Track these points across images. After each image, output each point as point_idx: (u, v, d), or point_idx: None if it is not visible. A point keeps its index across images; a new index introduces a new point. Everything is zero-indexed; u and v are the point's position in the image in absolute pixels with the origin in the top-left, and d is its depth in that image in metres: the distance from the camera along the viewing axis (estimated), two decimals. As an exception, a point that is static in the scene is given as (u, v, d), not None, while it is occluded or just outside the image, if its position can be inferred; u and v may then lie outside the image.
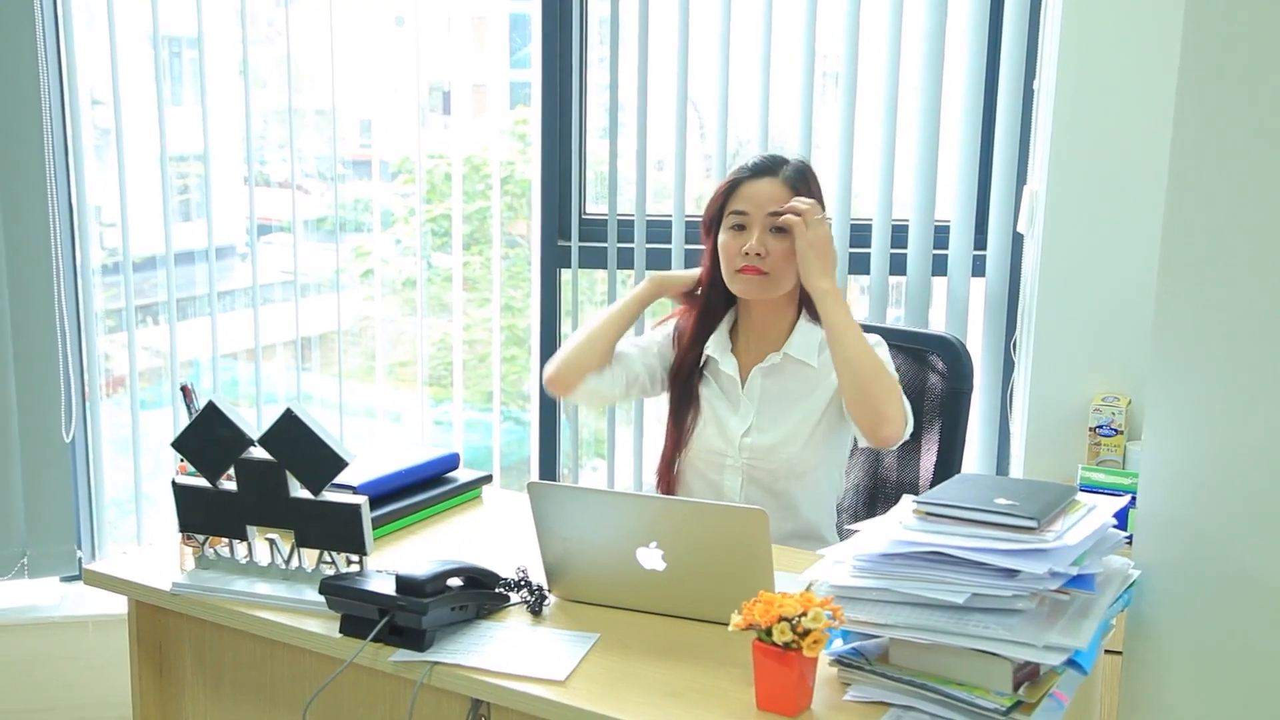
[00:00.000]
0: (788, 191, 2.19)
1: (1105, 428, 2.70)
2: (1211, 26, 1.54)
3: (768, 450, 2.21)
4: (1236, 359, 1.52)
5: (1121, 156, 2.67)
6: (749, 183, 2.21)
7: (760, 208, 2.19)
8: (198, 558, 1.93)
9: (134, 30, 3.28)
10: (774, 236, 2.18)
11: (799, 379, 2.23)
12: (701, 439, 2.27)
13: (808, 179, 2.23)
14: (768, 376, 2.25)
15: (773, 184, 2.20)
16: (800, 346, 2.24)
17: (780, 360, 2.24)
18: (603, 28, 3.20)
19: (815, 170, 2.28)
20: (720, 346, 2.30)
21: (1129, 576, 1.69)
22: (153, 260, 3.39)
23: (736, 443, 2.23)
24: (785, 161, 2.24)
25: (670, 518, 1.77)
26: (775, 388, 2.25)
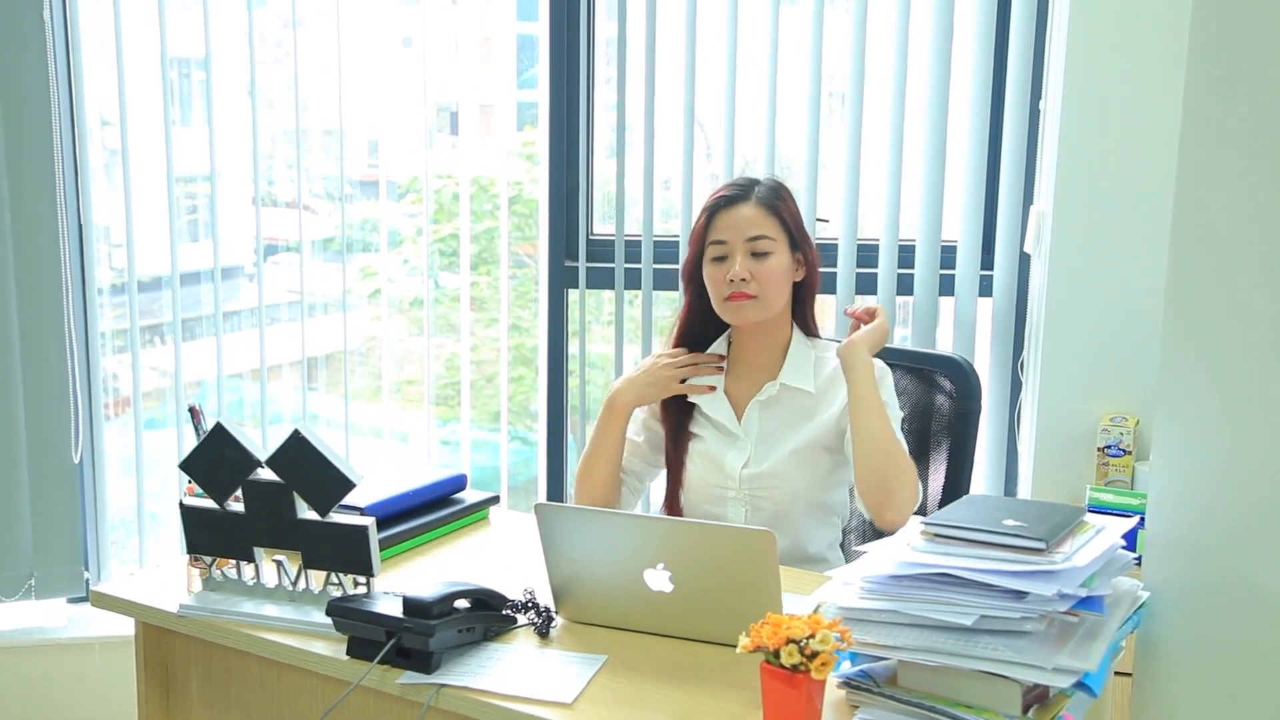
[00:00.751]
0: (762, 213, 2.19)
1: (1113, 448, 2.69)
2: (1217, 46, 1.55)
3: (769, 480, 2.20)
4: (1245, 379, 1.51)
5: (1128, 176, 2.67)
6: (724, 211, 2.20)
7: (739, 233, 2.18)
8: (205, 579, 1.92)
9: (142, 52, 3.29)
10: (756, 260, 2.17)
11: (797, 406, 2.22)
12: (699, 475, 2.25)
13: (782, 197, 2.23)
14: (765, 409, 2.24)
15: (747, 207, 2.19)
16: (795, 373, 2.23)
17: (777, 391, 2.23)
18: (609, 49, 3.21)
19: (790, 188, 2.28)
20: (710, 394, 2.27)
21: (1138, 598, 1.69)
22: (159, 280, 3.39)
23: (737, 475, 2.22)
24: (757, 182, 2.24)
25: (677, 539, 1.76)
26: (773, 418, 2.23)
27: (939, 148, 3.01)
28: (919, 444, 2.34)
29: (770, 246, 2.18)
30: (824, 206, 3.11)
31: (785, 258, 2.19)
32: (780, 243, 2.19)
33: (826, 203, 3.12)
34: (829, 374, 2.22)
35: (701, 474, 2.25)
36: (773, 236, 2.18)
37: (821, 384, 2.22)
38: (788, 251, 2.20)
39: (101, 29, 3.25)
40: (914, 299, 3.06)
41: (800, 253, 2.23)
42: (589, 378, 3.33)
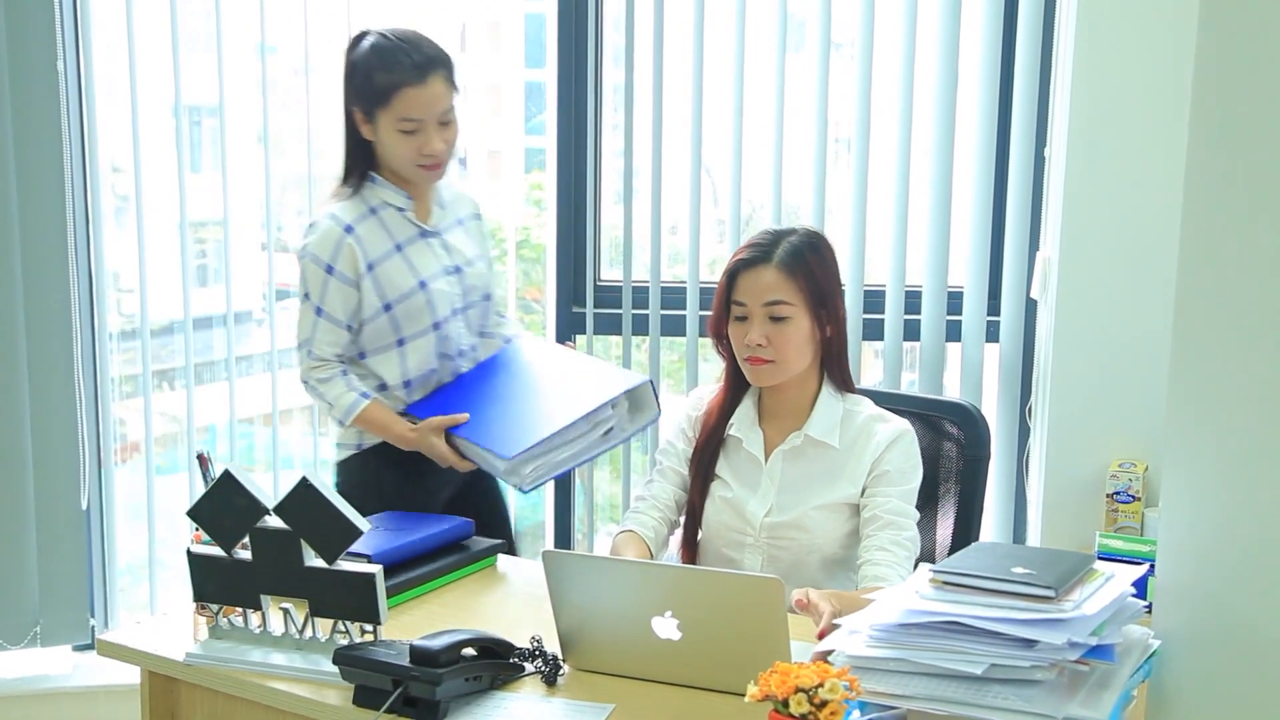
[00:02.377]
0: (780, 276, 2.15)
1: (1123, 494, 2.68)
2: (1220, 95, 1.56)
3: (790, 532, 2.19)
4: (1253, 424, 1.51)
5: (1133, 222, 2.68)
6: (744, 274, 2.18)
7: (756, 298, 2.16)
8: (211, 627, 1.92)
9: (154, 99, 3.32)
10: (774, 325, 2.15)
11: (822, 461, 2.21)
12: (719, 519, 2.25)
13: (805, 257, 2.17)
14: (789, 459, 2.22)
15: (767, 271, 2.16)
16: (821, 426, 2.21)
17: (801, 442, 2.21)
18: (617, 95, 3.24)
19: (824, 243, 2.23)
20: (747, 421, 2.27)
21: (1149, 646, 1.67)
22: (169, 326, 3.41)
23: (757, 524, 2.21)
24: (781, 239, 2.19)
25: (685, 587, 1.76)
26: (796, 469, 2.22)
27: (945, 194, 3.02)
28: (928, 491, 2.34)
29: (788, 312, 2.15)
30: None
31: (804, 322, 2.16)
32: (799, 307, 2.15)
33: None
34: (856, 428, 2.20)
35: (722, 518, 2.25)
36: (790, 301, 2.15)
37: (848, 439, 2.20)
38: (808, 315, 2.16)
39: (114, 77, 3.29)
40: (921, 344, 3.07)
41: (826, 310, 2.18)
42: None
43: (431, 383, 2.52)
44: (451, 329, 2.51)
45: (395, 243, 2.46)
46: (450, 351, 2.52)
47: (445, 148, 2.42)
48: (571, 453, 2.34)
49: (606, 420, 2.37)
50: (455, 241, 2.54)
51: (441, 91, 2.39)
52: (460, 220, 2.58)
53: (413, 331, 2.47)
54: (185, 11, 3.26)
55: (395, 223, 2.48)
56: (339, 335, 2.47)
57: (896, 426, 2.20)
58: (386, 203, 2.48)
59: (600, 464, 3.45)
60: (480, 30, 3.76)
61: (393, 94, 2.36)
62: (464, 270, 2.53)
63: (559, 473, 2.35)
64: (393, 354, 2.48)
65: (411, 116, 2.37)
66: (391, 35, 2.39)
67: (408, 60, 2.36)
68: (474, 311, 2.56)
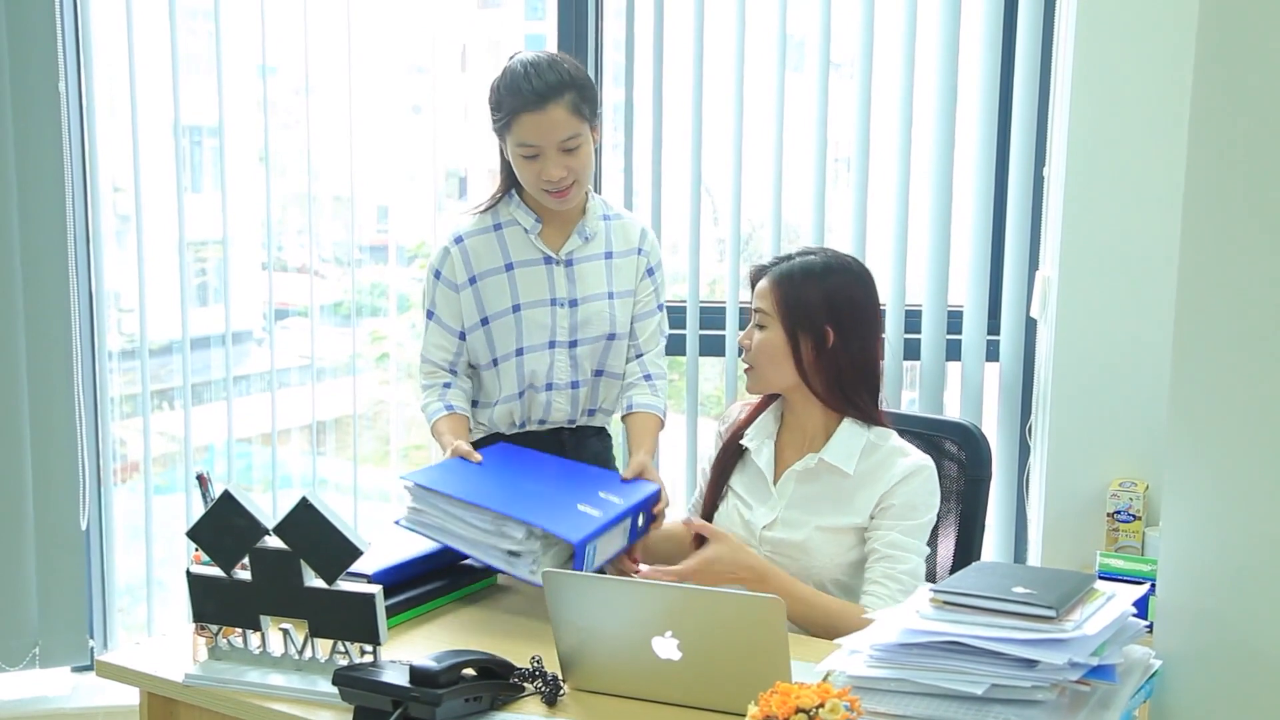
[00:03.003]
0: (769, 287, 2.20)
1: (1123, 513, 2.68)
2: (1219, 114, 1.56)
3: (791, 548, 2.19)
4: (1253, 443, 1.51)
5: (1133, 241, 2.69)
6: (757, 280, 2.25)
7: (753, 303, 2.24)
8: (211, 648, 1.91)
9: (155, 119, 3.34)
10: (759, 331, 2.22)
11: (834, 486, 2.20)
12: (726, 523, 2.27)
13: (795, 277, 2.18)
14: (801, 480, 2.23)
15: (764, 280, 2.23)
16: (839, 452, 2.20)
17: (815, 465, 2.21)
18: (616, 114, 3.25)
19: (845, 272, 2.21)
20: (762, 434, 2.29)
21: (1150, 666, 1.67)
22: (169, 346, 3.41)
23: (758, 533, 2.22)
24: (798, 256, 2.23)
25: (686, 607, 1.75)
26: (807, 490, 2.22)
27: (944, 213, 3.03)
28: (928, 510, 2.33)
29: (765, 321, 2.21)
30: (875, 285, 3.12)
31: (777, 336, 2.19)
32: (775, 318, 2.19)
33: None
34: (876, 459, 2.19)
35: (727, 522, 2.27)
36: (768, 311, 2.20)
37: (865, 469, 2.19)
38: (784, 328, 2.19)
39: (115, 98, 3.30)
40: (921, 364, 3.07)
41: (807, 331, 2.18)
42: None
43: (517, 411, 2.50)
44: (541, 360, 2.47)
45: (507, 261, 2.46)
46: (538, 384, 2.49)
47: (566, 175, 2.36)
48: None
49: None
50: (585, 274, 2.49)
51: (562, 118, 2.33)
52: (609, 254, 2.52)
53: (503, 353, 2.47)
54: (186, 32, 3.27)
55: (517, 242, 2.47)
56: (449, 341, 2.49)
57: (915, 461, 2.18)
58: (515, 221, 2.47)
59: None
60: (481, 50, 3.78)
61: (513, 119, 2.35)
62: (580, 304, 2.48)
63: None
64: (492, 371, 2.50)
65: (528, 142, 2.34)
66: (526, 60, 2.37)
67: (528, 86, 2.32)
68: (586, 349, 2.50)
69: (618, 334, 2.52)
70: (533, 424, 2.53)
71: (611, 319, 2.50)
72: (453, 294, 2.47)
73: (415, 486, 2.12)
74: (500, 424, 2.52)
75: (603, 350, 2.51)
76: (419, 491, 2.10)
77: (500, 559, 2.04)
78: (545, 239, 2.48)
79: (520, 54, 2.40)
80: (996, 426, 3.06)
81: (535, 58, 2.37)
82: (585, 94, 2.37)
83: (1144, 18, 2.65)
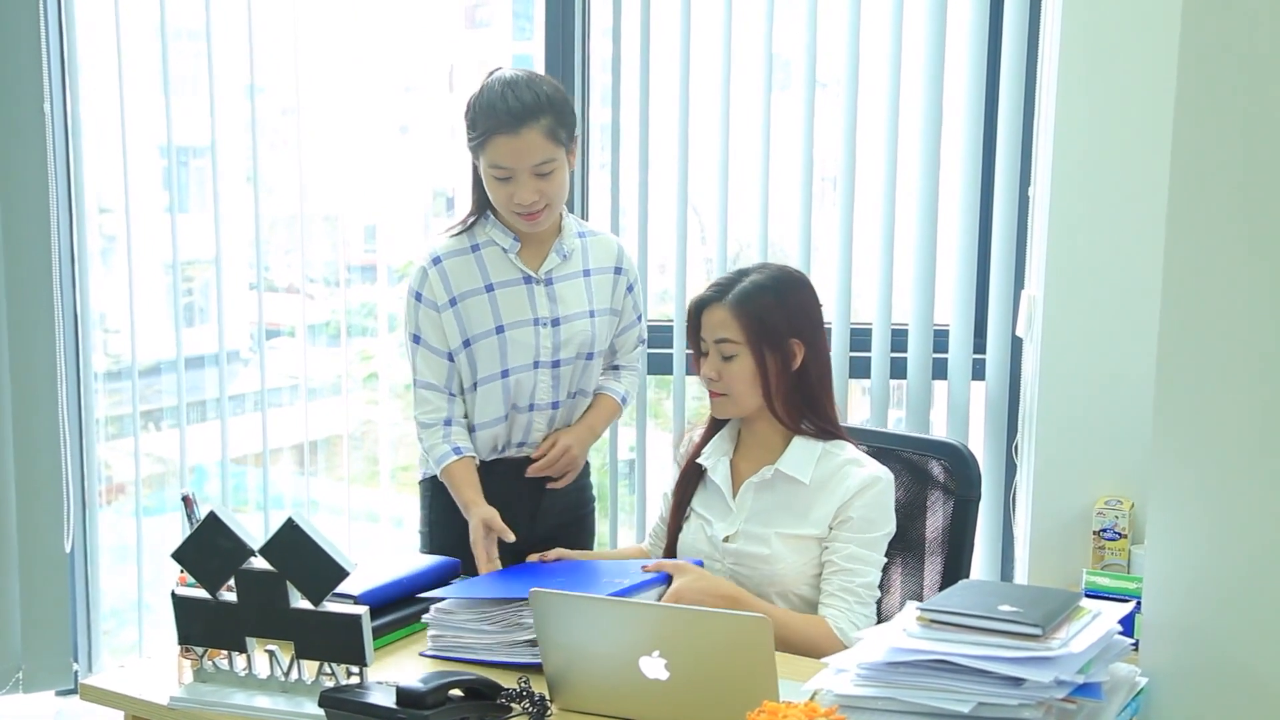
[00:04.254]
0: (729, 315, 2.19)
1: (1109, 531, 2.69)
2: (1202, 132, 1.57)
3: (753, 558, 2.20)
4: (1238, 460, 1.51)
5: (1118, 260, 2.70)
6: (704, 311, 2.23)
7: (709, 335, 2.22)
8: (196, 670, 1.91)
9: (141, 139, 3.34)
10: (725, 361, 2.21)
11: (791, 496, 2.22)
12: (690, 543, 2.29)
13: (754, 298, 2.19)
14: (759, 491, 2.24)
15: (718, 309, 2.21)
16: (794, 462, 2.22)
17: (771, 476, 2.23)
18: (604, 134, 3.26)
19: (792, 282, 2.24)
20: (718, 452, 2.30)
21: (1136, 684, 1.67)
22: (155, 367, 3.40)
23: (719, 544, 2.23)
24: (741, 279, 2.22)
25: (673, 626, 1.76)
26: (765, 501, 2.23)
27: (930, 232, 3.04)
28: (917, 531, 2.34)
29: (734, 350, 2.20)
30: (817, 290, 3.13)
31: (747, 361, 2.19)
32: (743, 345, 2.19)
33: (819, 287, 3.12)
34: (830, 469, 2.21)
35: (693, 541, 2.28)
36: (734, 339, 2.19)
37: (820, 478, 2.20)
38: (753, 353, 2.19)
39: (102, 119, 3.30)
40: (907, 382, 3.07)
41: (775, 350, 2.20)
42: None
43: (501, 434, 2.48)
44: (525, 380, 2.45)
45: (487, 283, 2.44)
46: (521, 404, 2.47)
47: (538, 199, 2.34)
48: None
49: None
50: (565, 292, 2.47)
51: (536, 143, 2.29)
52: (587, 271, 2.50)
53: (485, 375, 2.44)
54: (174, 52, 3.28)
55: (496, 263, 2.45)
56: (440, 363, 2.45)
57: (871, 473, 2.19)
58: (493, 241, 2.45)
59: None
60: (469, 70, 3.79)
61: (486, 140, 2.32)
62: (562, 323, 2.46)
63: None
64: (471, 395, 2.46)
65: (501, 164, 2.32)
66: (504, 79, 2.34)
67: (504, 107, 2.29)
68: (568, 369, 2.48)
69: (595, 353, 2.51)
70: (512, 448, 2.50)
71: (593, 337, 2.49)
72: (435, 315, 2.44)
73: (432, 614, 2.05)
74: (482, 450, 2.48)
75: (581, 370, 2.50)
76: (434, 617, 2.05)
77: (524, 652, 1.95)
78: (524, 258, 2.46)
79: (500, 71, 2.37)
80: (983, 445, 3.06)
81: (514, 77, 2.34)
82: (562, 118, 2.34)
83: (1128, 38, 2.66)
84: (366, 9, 3.40)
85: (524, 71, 2.37)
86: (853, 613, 2.12)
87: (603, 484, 3.43)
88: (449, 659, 2.01)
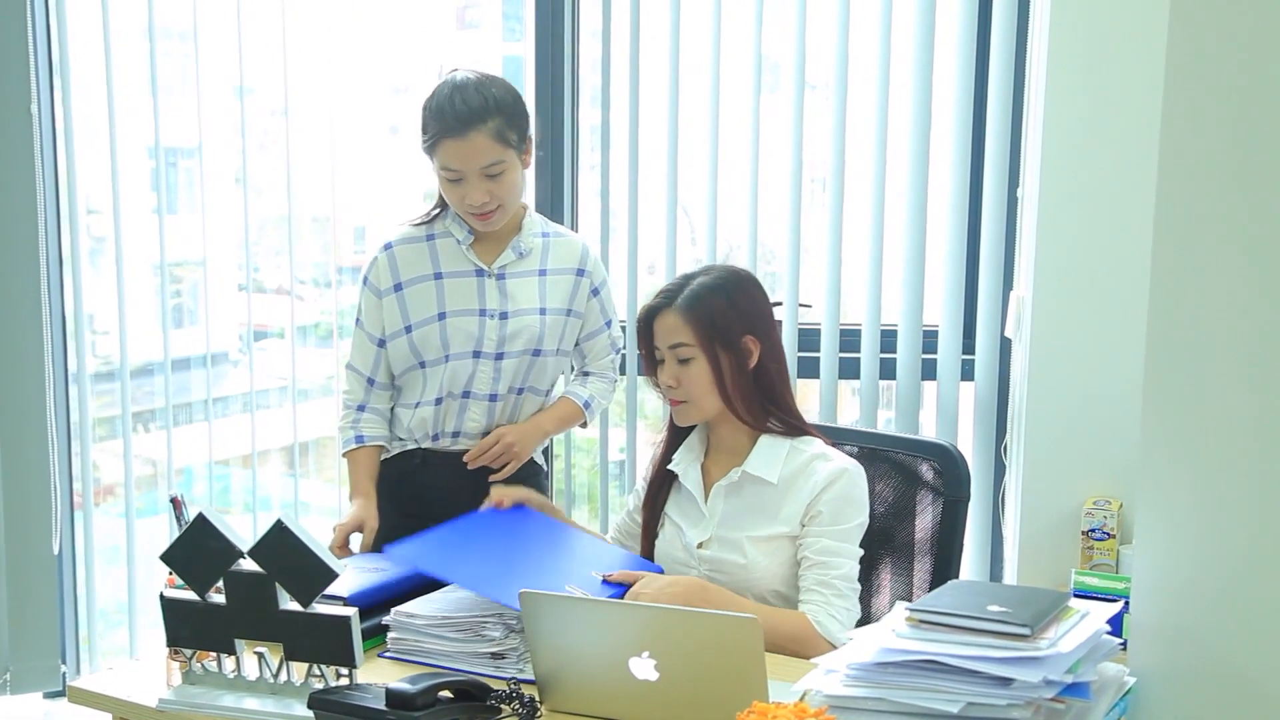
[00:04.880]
0: (679, 320, 2.17)
1: (1098, 531, 2.69)
2: (1190, 133, 1.58)
3: (728, 564, 2.19)
4: (1224, 462, 1.52)
5: (1106, 260, 2.71)
6: (655, 319, 2.21)
7: (663, 342, 2.20)
8: (185, 672, 1.90)
9: (130, 141, 3.33)
10: (681, 367, 2.18)
11: (761, 496, 2.21)
12: (666, 550, 2.28)
13: (704, 300, 2.17)
14: (729, 494, 2.23)
15: (669, 315, 2.18)
16: (760, 463, 2.21)
17: (739, 478, 2.22)
18: (594, 135, 3.26)
19: (739, 281, 2.22)
20: (689, 457, 2.29)
21: (1125, 684, 1.68)
22: (144, 368, 3.40)
23: (694, 551, 2.23)
24: (688, 283, 2.20)
25: (663, 627, 1.76)
26: (736, 504, 2.23)
27: (919, 233, 3.05)
28: (905, 532, 2.34)
29: (689, 354, 2.18)
30: (806, 292, 3.14)
31: (703, 363, 2.18)
32: (695, 347, 2.17)
33: (809, 288, 3.15)
34: (797, 466, 2.20)
35: (669, 549, 2.28)
36: (689, 343, 2.17)
37: (787, 476, 2.20)
38: (707, 355, 2.17)
39: (91, 120, 3.29)
40: (897, 383, 3.08)
41: (729, 350, 2.18)
42: (574, 460, 3.33)
43: (431, 419, 2.50)
44: (464, 367, 2.47)
45: (436, 270, 2.48)
46: (456, 391, 2.49)
47: (489, 200, 2.38)
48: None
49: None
50: (517, 288, 2.49)
51: (484, 145, 2.34)
52: (543, 271, 2.52)
53: (432, 358, 2.48)
54: (162, 54, 3.27)
55: (449, 253, 2.49)
56: (370, 350, 2.51)
57: (838, 465, 2.18)
58: (449, 233, 2.49)
59: (576, 505, 3.45)
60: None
61: (436, 143, 2.36)
62: (510, 317, 2.48)
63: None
64: (417, 374, 2.50)
65: (450, 166, 2.36)
66: (455, 83, 2.37)
67: (451, 111, 2.33)
68: (512, 362, 2.49)
69: (544, 350, 2.51)
70: (446, 436, 2.51)
71: (540, 335, 2.49)
72: (376, 300, 2.50)
73: (394, 617, 2.03)
74: (416, 432, 2.52)
75: (527, 366, 2.51)
76: (395, 620, 2.03)
77: (486, 664, 1.94)
78: (478, 252, 2.49)
79: (454, 74, 2.40)
80: (972, 446, 3.07)
81: (464, 81, 2.37)
82: (513, 120, 2.37)
83: (1116, 40, 2.67)
84: (356, 10, 3.40)
85: (475, 74, 2.39)
86: (831, 606, 2.11)
87: (593, 484, 3.44)
88: (408, 662, 2.00)
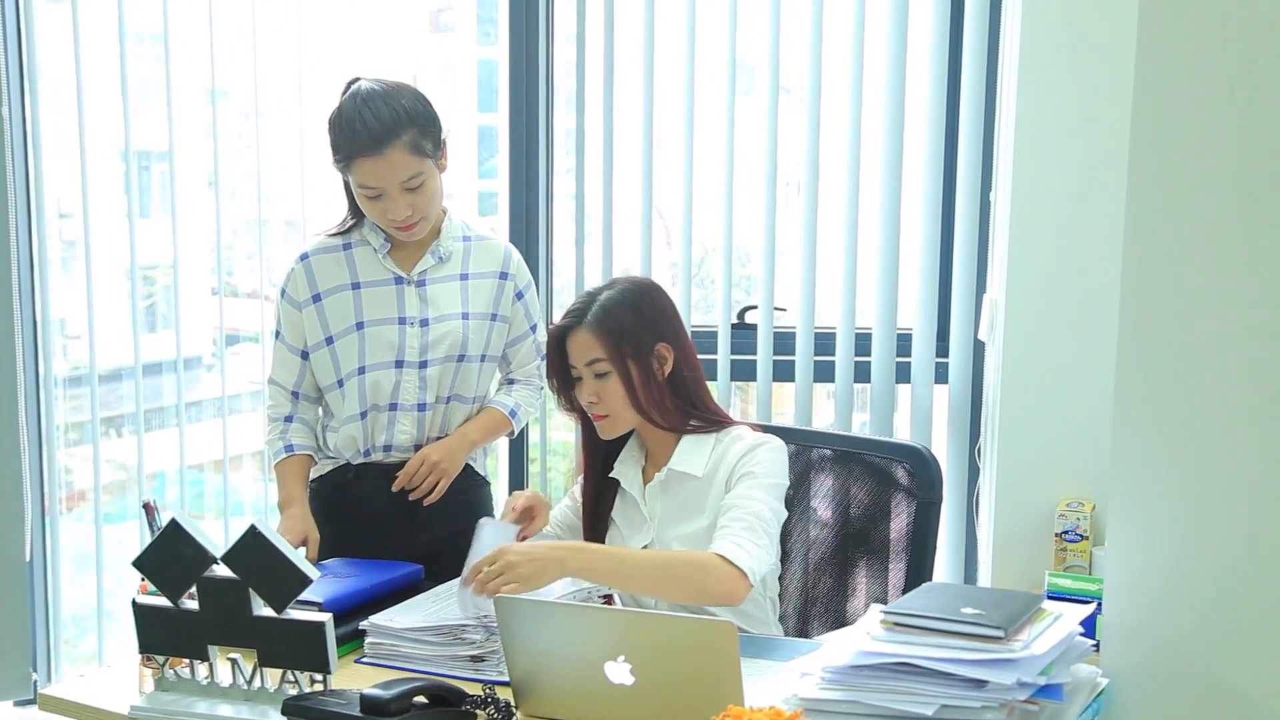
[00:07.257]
0: (590, 336, 2.18)
1: (1071, 533, 2.71)
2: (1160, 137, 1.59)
3: None
4: (1196, 464, 1.53)
5: (1078, 263, 2.72)
6: (567, 338, 2.22)
7: (579, 360, 2.21)
8: (158, 679, 1.89)
9: (101, 145, 3.31)
10: (599, 382, 2.19)
11: (689, 491, 2.23)
12: None
13: (612, 313, 2.19)
14: (662, 493, 2.26)
15: (581, 333, 2.19)
16: (684, 459, 2.23)
17: (666, 476, 2.24)
18: (569, 139, 3.25)
19: (644, 291, 2.24)
20: (630, 462, 2.31)
21: (1098, 685, 1.69)
22: (115, 373, 3.37)
23: None
24: (594, 300, 2.21)
25: (638, 631, 1.76)
26: (669, 502, 2.25)
27: (893, 237, 3.05)
28: (880, 534, 2.35)
29: (604, 368, 2.19)
30: (781, 295, 3.15)
31: (617, 376, 2.19)
32: (607, 361, 2.18)
33: (784, 291, 3.16)
34: (718, 455, 2.22)
35: None
36: (603, 357, 2.18)
37: (710, 467, 2.22)
38: (618, 368, 2.18)
39: (61, 123, 3.27)
40: (871, 386, 3.09)
41: (641, 358, 2.19)
42: (550, 464, 3.33)
43: (359, 435, 2.46)
44: (386, 379, 2.43)
45: (354, 280, 2.44)
46: (381, 403, 2.44)
47: (412, 213, 2.35)
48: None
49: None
50: (438, 294, 2.45)
51: (401, 160, 2.30)
52: (465, 275, 2.49)
53: (348, 372, 2.44)
54: (133, 56, 3.25)
55: (366, 262, 2.45)
56: (293, 362, 2.47)
57: (751, 440, 2.21)
58: (366, 241, 2.45)
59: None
60: (434, 75, 3.78)
61: (350, 162, 2.32)
62: (431, 324, 2.45)
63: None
64: (337, 392, 2.46)
65: (368, 185, 2.32)
66: (360, 95, 2.31)
67: (364, 130, 2.28)
68: (436, 370, 2.44)
69: (468, 356, 2.47)
70: (377, 450, 2.47)
71: (464, 340, 2.46)
72: (295, 312, 2.46)
73: (370, 624, 2.03)
74: (345, 450, 2.48)
75: (453, 373, 2.47)
76: (372, 624, 2.02)
77: (466, 667, 1.94)
78: (397, 259, 2.46)
79: (358, 84, 2.34)
80: (945, 448, 3.08)
81: (370, 93, 2.31)
82: (426, 129, 2.34)
83: (1087, 44, 2.69)
84: (329, 13, 3.38)
85: (381, 84, 2.34)
86: (738, 537, 2.09)
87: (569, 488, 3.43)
88: (386, 667, 1.99)
